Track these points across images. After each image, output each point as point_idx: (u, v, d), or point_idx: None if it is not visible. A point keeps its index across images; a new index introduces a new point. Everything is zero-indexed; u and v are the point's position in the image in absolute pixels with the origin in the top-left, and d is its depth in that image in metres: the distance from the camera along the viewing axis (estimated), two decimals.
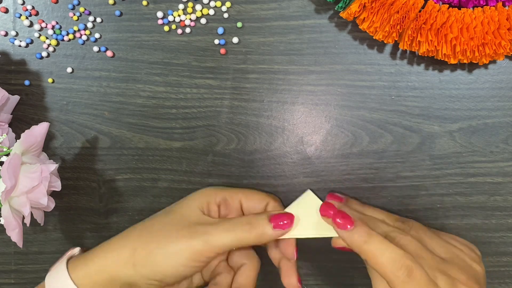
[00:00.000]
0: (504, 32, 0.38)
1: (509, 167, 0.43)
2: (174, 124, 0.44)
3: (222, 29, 0.42)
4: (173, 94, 0.43)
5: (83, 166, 0.44)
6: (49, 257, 0.46)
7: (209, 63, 0.43)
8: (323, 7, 0.42)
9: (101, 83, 0.43)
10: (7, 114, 0.42)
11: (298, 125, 0.44)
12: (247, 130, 0.44)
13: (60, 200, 0.45)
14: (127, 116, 0.44)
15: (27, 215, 0.36)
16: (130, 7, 0.42)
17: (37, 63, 0.43)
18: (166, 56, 0.43)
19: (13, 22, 0.43)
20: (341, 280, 0.45)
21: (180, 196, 0.44)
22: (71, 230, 0.45)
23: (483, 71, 0.42)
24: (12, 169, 0.34)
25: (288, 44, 0.42)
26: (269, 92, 0.43)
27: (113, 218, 0.45)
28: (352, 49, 0.42)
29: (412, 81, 0.43)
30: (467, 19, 0.38)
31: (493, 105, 0.43)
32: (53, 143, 0.44)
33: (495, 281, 0.45)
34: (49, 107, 0.44)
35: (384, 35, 0.39)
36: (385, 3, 0.37)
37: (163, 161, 0.44)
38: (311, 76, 0.43)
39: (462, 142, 0.43)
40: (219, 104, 0.43)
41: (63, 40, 0.43)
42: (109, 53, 0.43)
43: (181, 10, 0.42)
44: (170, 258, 0.36)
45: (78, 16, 0.42)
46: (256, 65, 0.43)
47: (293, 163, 0.44)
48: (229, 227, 0.37)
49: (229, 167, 0.44)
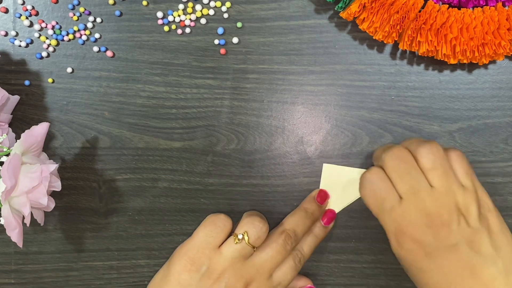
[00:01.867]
0: (504, 32, 0.38)
1: (509, 167, 0.43)
2: (174, 124, 0.44)
3: (222, 29, 0.42)
4: (173, 94, 0.43)
5: (83, 166, 0.44)
6: (49, 257, 0.46)
7: (209, 63, 0.43)
8: (323, 7, 0.42)
9: (101, 83, 0.43)
10: (7, 114, 0.42)
11: (298, 125, 0.44)
12: (247, 130, 0.44)
13: (60, 200, 0.45)
14: (127, 116, 0.44)
15: (27, 215, 0.36)
16: (130, 7, 0.42)
17: (37, 63, 0.43)
18: (166, 56, 0.43)
19: (13, 22, 0.43)
20: (341, 280, 0.45)
21: (180, 195, 0.44)
22: (71, 230, 0.45)
23: (483, 71, 0.42)
24: (12, 169, 0.34)
25: (288, 44, 0.42)
26: (269, 92, 0.43)
27: (113, 218, 0.45)
28: (352, 49, 0.42)
29: (412, 81, 0.43)
30: (467, 19, 0.38)
31: (493, 105, 0.43)
32: (53, 143, 0.44)
33: None
34: (49, 107, 0.44)
35: (384, 35, 0.39)
36: (385, 3, 0.37)
37: (163, 161, 0.44)
38: (311, 76, 0.43)
39: (462, 142, 0.43)
40: (219, 104, 0.43)
41: (63, 40, 0.43)
42: (109, 53, 0.43)
43: (181, 10, 0.42)
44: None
45: (78, 16, 0.42)
46: (256, 65, 0.43)
47: (293, 163, 0.44)
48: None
49: (229, 167, 0.44)
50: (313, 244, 0.42)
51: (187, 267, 0.39)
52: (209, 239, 0.40)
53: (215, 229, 0.40)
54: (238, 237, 0.39)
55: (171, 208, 0.45)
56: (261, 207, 0.45)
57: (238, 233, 0.40)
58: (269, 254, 0.40)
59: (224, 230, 0.40)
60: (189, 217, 0.45)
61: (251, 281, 0.39)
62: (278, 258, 0.40)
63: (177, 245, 0.44)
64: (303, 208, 0.43)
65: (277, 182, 0.44)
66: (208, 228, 0.40)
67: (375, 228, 0.44)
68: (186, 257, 0.39)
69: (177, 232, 0.45)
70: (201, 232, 0.40)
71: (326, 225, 0.43)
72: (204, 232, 0.40)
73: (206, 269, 0.39)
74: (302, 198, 0.44)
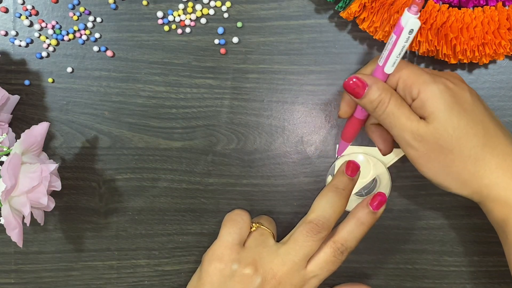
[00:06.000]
0: (504, 32, 0.38)
1: None
2: (174, 124, 0.44)
3: (222, 29, 0.42)
4: (173, 94, 0.43)
5: (83, 166, 0.44)
6: (49, 257, 0.46)
7: (209, 63, 0.43)
8: (323, 7, 0.42)
9: (101, 83, 0.43)
10: (7, 114, 0.42)
11: (298, 125, 0.44)
12: (247, 130, 0.44)
13: (60, 200, 0.45)
14: (127, 116, 0.44)
15: (27, 215, 0.36)
16: (130, 7, 0.42)
17: (37, 63, 0.43)
18: (166, 56, 0.43)
19: (13, 22, 0.43)
20: (341, 280, 0.45)
21: (180, 195, 0.44)
22: (71, 230, 0.45)
23: (483, 71, 0.42)
24: (12, 169, 0.34)
25: (288, 44, 0.42)
26: (269, 92, 0.43)
27: (113, 218, 0.45)
28: (352, 49, 0.42)
29: None
30: (467, 19, 0.38)
31: (493, 105, 0.43)
32: (53, 143, 0.44)
33: (495, 281, 0.45)
34: (49, 107, 0.44)
35: (384, 35, 0.39)
36: (385, 3, 0.37)
37: (163, 161, 0.44)
38: (311, 76, 0.43)
39: None
40: (219, 104, 0.43)
41: (63, 40, 0.43)
42: (109, 53, 0.43)
43: (181, 10, 0.42)
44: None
45: (78, 16, 0.42)
46: (256, 65, 0.43)
47: (293, 163, 0.44)
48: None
49: (229, 167, 0.44)
50: (358, 233, 0.38)
51: (218, 267, 0.38)
52: (233, 236, 0.39)
53: (236, 225, 0.40)
54: (253, 225, 0.41)
55: (171, 208, 0.45)
56: (261, 207, 0.45)
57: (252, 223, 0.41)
58: (295, 243, 0.38)
59: (244, 224, 0.40)
60: (189, 217, 0.45)
61: (281, 272, 0.38)
62: (307, 247, 0.37)
63: (177, 245, 0.44)
64: (332, 185, 0.39)
65: (277, 182, 0.44)
66: (228, 226, 0.40)
67: (375, 228, 0.44)
68: (215, 257, 0.39)
69: (177, 232, 0.45)
70: (224, 231, 0.40)
71: (375, 210, 0.38)
72: (226, 231, 0.40)
73: (237, 266, 0.38)
74: (302, 198, 0.44)
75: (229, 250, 0.39)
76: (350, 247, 0.38)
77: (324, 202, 0.38)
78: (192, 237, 0.45)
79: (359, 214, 0.38)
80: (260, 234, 0.40)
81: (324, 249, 0.38)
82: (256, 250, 0.39)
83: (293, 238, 0.38)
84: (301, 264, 0.38)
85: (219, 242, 0.39)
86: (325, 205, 0.38)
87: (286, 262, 0.38)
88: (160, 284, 0.46)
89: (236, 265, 0.38)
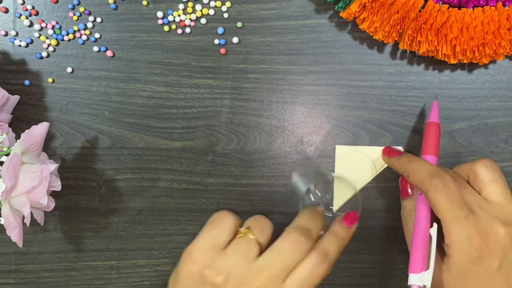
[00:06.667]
0: (504, 32, 0.38)
1: (509, 167, 0.43)
2: (174, 124, 0.44)
3: (222, 29, 0.42)
4: (173, 94, 0.43)
5: (83, 166, 0.44)
6: (49, 257, 0.46)
7: (209, 63, 0.43)
8: (323, 7, 0.42)
9: (101, 83, 0.43)
10: (7, 114, 0.42)
11: (298, 125, 0.44)
12: (247, 130, 0.44)
13: (60, 200, 0.45)
14: (127, 116, 0.44)
15: (27, 215, 0.36)
16: (130, 7, 0.42)
17: (37, 63, 0.43)
18: (166, 56, 0.43)
19: (13, 22, 0.43)
20: (341, 280, 0.45)
21: (180, 195, 0.44)
22: (71, 230, 0.45)
23: (483, 71, 0.42)
24: (12, 169, 0.34)
25: (288, 44, 0.42)
26: (269, 92, 0.43)
27: (113, 218, 0.45)
28: (352, 49, 0.42)
29: (412, 81, 0.43)
30: (467, 19, 0.38)
31: (493, 105, 0.43)
32: (53, 143, 0.44)
33: None
34: (49, 107, 0.44)
35: (384, 35, 0.39)
36: (385, 3, 0.37)
37: (163, 161, 0.44)
38: (311, 76, 0.43)
39: (462, 142, 0.43)
40: (219, 104, 0.43)
41: (63, 40, 0.43)
42: (109, 53, 0.43)
43: (181, 10, 0.42)
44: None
45: (78, 16, 0.42)
46: (256, 65, 0.43)
47: (293, 163, 0.44)
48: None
49: (229, 167, 0.44)
50: (337, 245, 0.38)
51: (191, 269, 0.37)
52: (211, 240, 0.38)
53: (217, 228, 0.38)
54: (240, 231, 0.38)
55: (171, 208, 0.45)
56: (261, 207, 0.45)
57: (241, 229, 0.38)
58: (278, 253, 0.36)
59: (228, 229, 0.38)
60: (189, 217, 0.45)
61: (254, 286, 0.35)
62: (290, 258, 0.36)
63: (177, 245, 0.44)
64: (314, 212, 0.40)
65: (277, 182, 0.44)
66: (209, 228, 0.39)
67: (375, 228, 0.44)
68: (189, 259, 0.38)
69: (177, 232, 0.45)
70: (204, 233, 0.39)
71: (349, 226, 0.39)
72: (206, 233, 0.38)
73: (208, 272, 0.36)
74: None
75: (204, 254, 0.37)
76: (331, 256, 0.37)
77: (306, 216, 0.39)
78: (192, 237, 0.45)
79: (335, 229, 0.39)
80: (245, 244, 0.37)
81: (306, 260, 0.36)
82: (233, 259, 0.37)
83: (277, 246, 0.37)
84: (280, 277, 0.36)
85: (197, 243, 0.38)
86: (306, 219, 0.38)
87: (263, 275, 0.36)
88: (160, 284, 0.46)
89: (207, 271, 0.36)
